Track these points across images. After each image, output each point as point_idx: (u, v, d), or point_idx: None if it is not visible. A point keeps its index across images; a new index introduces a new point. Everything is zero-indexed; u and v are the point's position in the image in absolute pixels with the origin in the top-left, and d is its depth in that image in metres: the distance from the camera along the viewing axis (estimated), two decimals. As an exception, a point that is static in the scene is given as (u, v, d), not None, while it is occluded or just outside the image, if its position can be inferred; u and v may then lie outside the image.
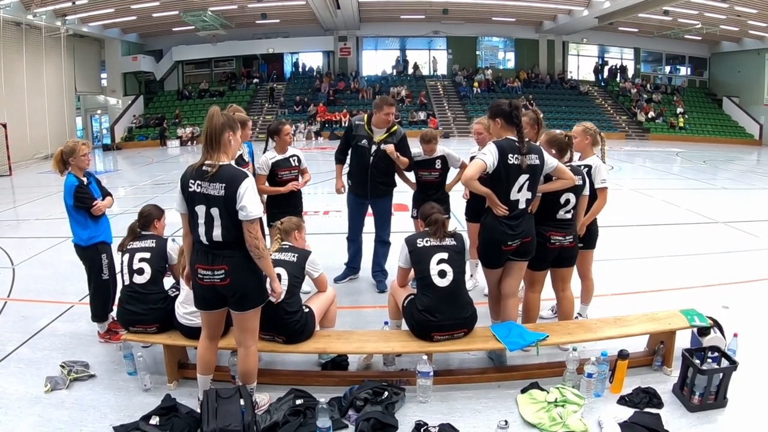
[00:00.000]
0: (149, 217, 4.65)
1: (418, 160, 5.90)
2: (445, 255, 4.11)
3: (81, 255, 4.95)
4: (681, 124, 32.64)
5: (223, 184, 3.26)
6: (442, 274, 4.06)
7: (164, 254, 4.43)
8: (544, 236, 4.39)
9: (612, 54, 38.68)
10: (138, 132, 31.18)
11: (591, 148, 4.81)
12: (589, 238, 4.83)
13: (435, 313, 4.01)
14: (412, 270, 4.26)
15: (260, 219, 3.47)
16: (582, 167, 4.64)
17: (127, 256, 4.37)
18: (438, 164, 5.84)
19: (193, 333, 3.96)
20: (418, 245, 4.17)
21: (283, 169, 5.78)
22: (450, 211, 5.96)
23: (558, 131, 4.71)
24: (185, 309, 4.01)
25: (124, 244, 4.51)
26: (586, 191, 4.56)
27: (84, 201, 4.80)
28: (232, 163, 3.45)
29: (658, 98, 35.05)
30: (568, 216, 4.46)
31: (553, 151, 4.49)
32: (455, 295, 4.09)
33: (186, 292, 3.95)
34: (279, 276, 3.97)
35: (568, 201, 4.41)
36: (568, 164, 4.52)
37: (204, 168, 3.32)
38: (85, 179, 4.88)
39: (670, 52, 37.81)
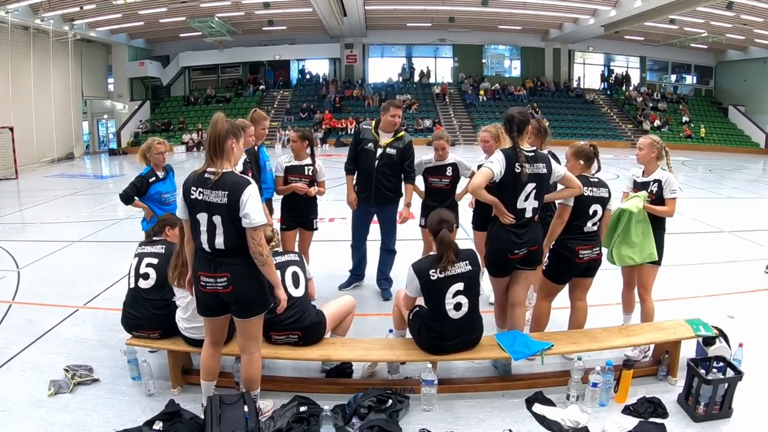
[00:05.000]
0: (164, 222, 4.64)
1: (429, 167, 5.89)
2: (461, 285, 3.92)
3: None
4: (702, 134, 32.54)
5: (226, 192, 3.26)
6: (458, 306, 3.92)
7: None
8: (572, 251, 4.37)
9: (618, 62, 38.72)
10: (144, 137, 31.22)
11: (656, 161, 4.69)
12: (659, 252, 4.63)
13: (448, 340, 3.96)
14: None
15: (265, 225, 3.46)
16: (651, 183, 4.61)
17: (136, 260, 4.35)
18: (449, 171, 5.82)
19: (196, 343, 3.96)
20: (432, 277, 3.87)
21: (294, 174, 5.84)
22: (458, 221, 5.95)
23: (583, 142, 4.68)
24: (188, 324, 3.99)
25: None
26: (611, 205, 4.54)
27: (132, 188, 5.43)
28: (235, 170, 3.44)
29: (663, 107, 35.01)
30: (595, 228, 4.45)
31: (581, 162, 4.50)
32: (470, 323, 4.01)
33: (185, 307, 3.96)
34: (296, 275, 4.12)
35: (595, 212, 4.40)
36: (595, 176, 4.52)
37: (206, 175, 3.31)
38: (161, 173, 5.62)
39: (676, 60, 37.84)
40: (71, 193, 15.15)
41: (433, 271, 3.88)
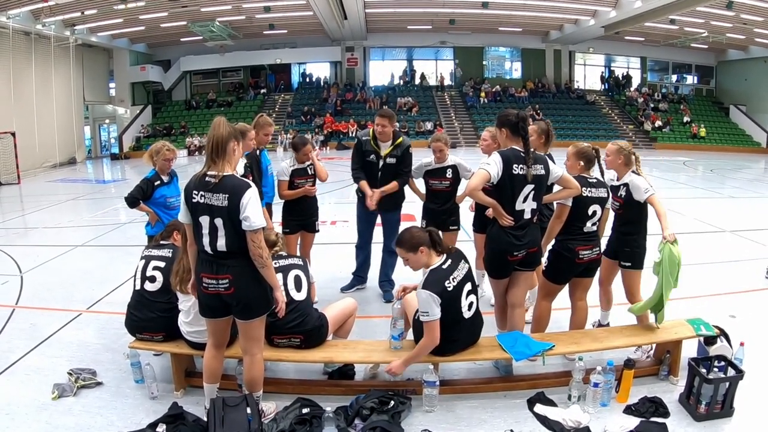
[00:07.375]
0: (173, 227, 4.65)
1: (429, 169, 5.90)
2: (470, 285, 4.01)
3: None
4: (702, 134, 32.56)
5: (227, 195, 3.28)
6: (470, 306, 4.00)
7: None
8: (572, 251, 4.37)
9: (618, 63, 38.74)
10: (146, 141, 31.24)
11: (624, 167, 4.56)
12: (637, 257, 4.54)
13: (457, 340, 3.99)
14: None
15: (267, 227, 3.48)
16: (620, 186, 4.51)
17: (142, 262, 4.35)
18: (449, 173, 5.83)
19: (199, 347, 3.98)
20: (448, 289, 3.83)
21: (300, 177, 5.93)
22: (459, 223, 5.99)
23: (585, 143, 4.68)
24: (190, 327, 4.01)
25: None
26: (609, 204, 4.55)
27: (138, 191, 5.42)
28: (236, 172, 3.47)
29: (665, 107, 35.00)
30: (594, 228, 4.46)
31: (581, 163, 4.50)
32: (477, 320, 4.09)
33: (187, 311, 3.99)
34: (299, 278, 4.14)
35: (595, 213, 4.40)
36: (593, 176, 4.51)
37: (207, 178, 3.34)
38: (166, 177, 5.61)
39: (677, 60, 37.83)
40: (73, 198, 15.22)
41: (447, 281, 3.85)
